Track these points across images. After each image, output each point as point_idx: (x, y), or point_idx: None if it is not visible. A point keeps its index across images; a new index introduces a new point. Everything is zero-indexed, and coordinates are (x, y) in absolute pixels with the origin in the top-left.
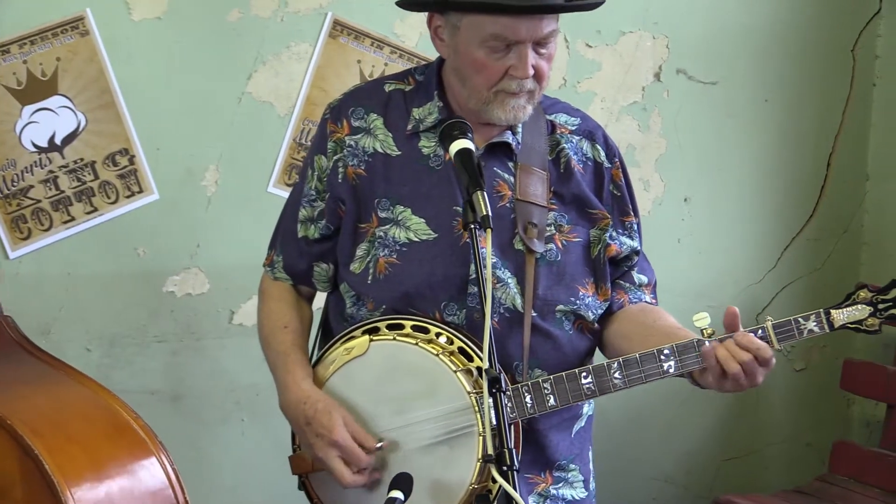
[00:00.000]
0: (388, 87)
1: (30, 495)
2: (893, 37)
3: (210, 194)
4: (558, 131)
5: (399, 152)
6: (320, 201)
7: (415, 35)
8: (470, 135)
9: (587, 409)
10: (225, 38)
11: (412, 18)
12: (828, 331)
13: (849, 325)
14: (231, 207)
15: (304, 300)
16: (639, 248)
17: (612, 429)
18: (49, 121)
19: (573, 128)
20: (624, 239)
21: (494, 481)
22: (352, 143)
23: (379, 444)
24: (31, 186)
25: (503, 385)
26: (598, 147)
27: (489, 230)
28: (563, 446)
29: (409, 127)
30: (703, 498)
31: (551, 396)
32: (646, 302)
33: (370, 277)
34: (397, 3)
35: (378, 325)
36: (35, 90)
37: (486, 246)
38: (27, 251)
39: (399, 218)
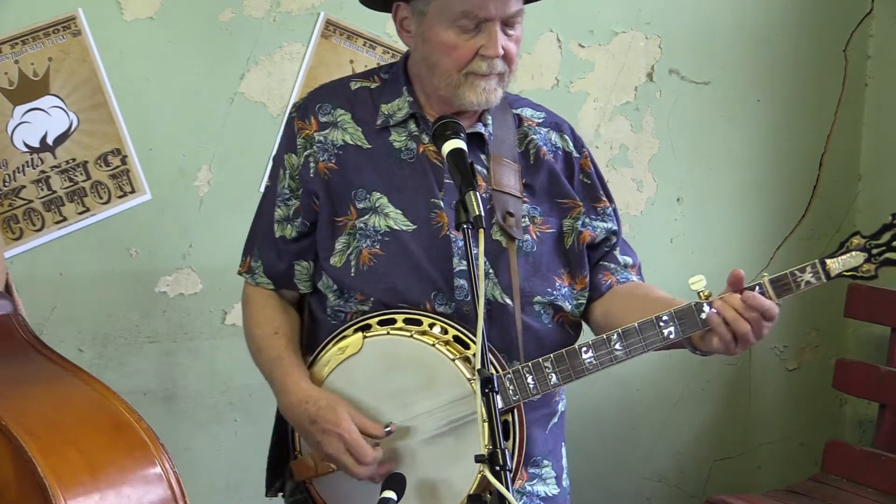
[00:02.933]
0: (353, 85)
1: (24, 496)
2: (885, 37)
3: (202, 194)
4: (525, 124)
5: (370, 146)
6: (295, 199)
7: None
8: (463, 135)
9: (561, 406)
10: (217, 38)
11: None
12: (825, 280)
13: (845, 273)
14: (223, 207)
15: (289, 305)
16: (616, 229)
17: (605, 429)
18: (41, 121)
19: (540, 120)
20: (598, 223)
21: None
22: (321, 138)
23: (387, 429)
24: (23, 187)
25: (496, 385)
26: (567, 138)
27: (482, 230)
28: (539, 442)
29: (379, 122)
30: (695, 498)
31: (553, 375)
32: (634, 280)
33: (353, 270)
34: (362, 2)
35: (369, 321)
36: (27, 90)
37: (479, 246)
38: (19, 251)
39: (377, 205)
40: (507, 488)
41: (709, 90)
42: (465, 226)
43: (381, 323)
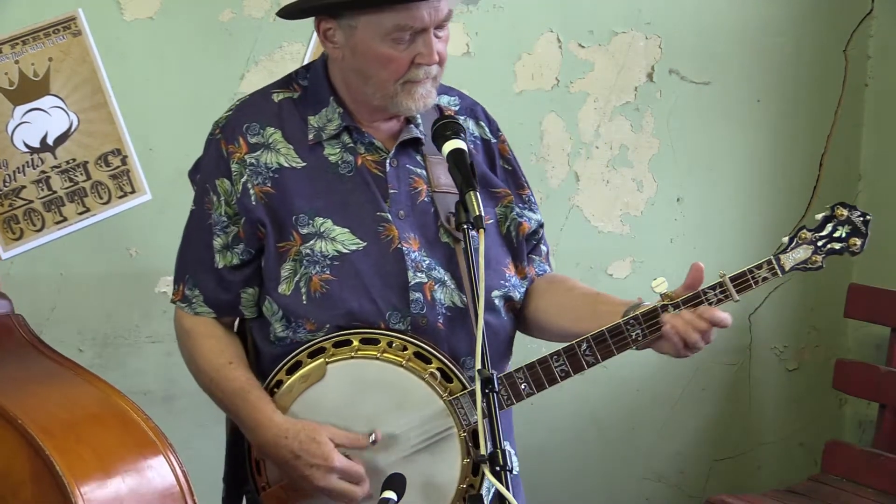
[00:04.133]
0: (276, 97)
1: (40, 495)
2: (885, 37)
3: None
4: (446, 114)
5: (304, 164)
6: (233, 226)
7: None
8: (463, 135)
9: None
10: (217, 38)
11: None
12: (780, 275)
13: (797, 267)
14: None
15: (231, 331)
16: (542, 220)
17: (605, 429)
18: (41, 121)
19: (456, 108)
20: (528, 213)
21: (477, 476)
22: (252, 161)
23: (372, 438)
24: (23, 187)
25: (496, 385)
26: (482, 124)
27: (482, 230)
28: (504, 427)
29: (311, 136)
30: (695, 498)
31: (524, 384)
32: (548, 272)
33: (304, 297)
34: (278, 14)
35: (323, 345)
36: (27, 90)
37: (480, 246)
38: (19, 252)
39: (322, 230)
40: (508, 488)
41: (709, 90)
42: (465, 226)
43: (336, 345)
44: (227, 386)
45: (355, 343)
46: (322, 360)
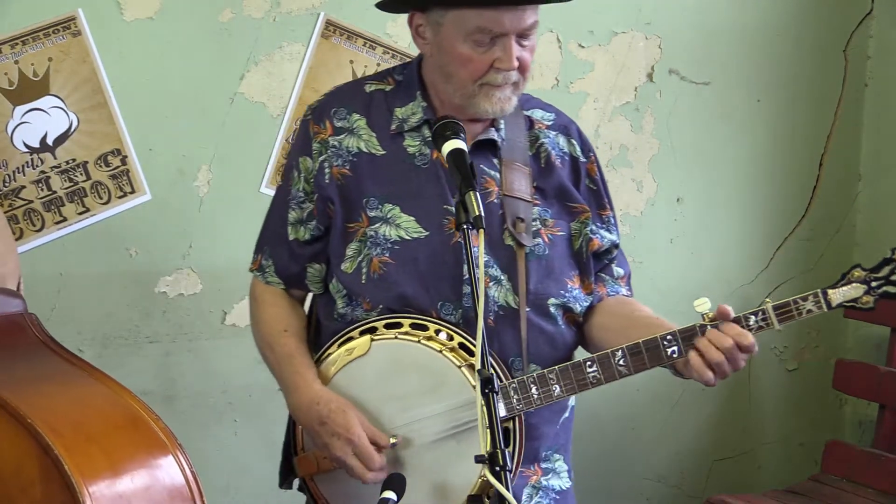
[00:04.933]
0: (368, 88)
1: (49, 494)
2: (885, 37)
3: (202, 195)
4: (536, 126)
5: (384, 152)
6: (309, 202)
7: (407, 35)
8: (462, 135)
9: (572, 400)
10: (217, 39)
11: (404, 19)
12: (825, 310)
13: (845, 304)
14: (223, 208)
15: (297, 304)
16: (617, 241)
17: (606, 429)
18: (41, 121)
19: (549, 123)
20: (603, 233)
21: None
22: (335, 143)
23: (392, 442)
24: (23, 187)
25: (495, 386)
26: (574, 142)
27: (482, 230)
28: (550, 437)
29: (393, 126)
30: (695, 498)
31: (557, 387)
32: (622, 294)
33: (364, 277)
34: (377, 6)
35: (376, 324)
36: (27, 90)
37: (479, 246)
38: (19, 251)
39: (389, 216)
40: (508, 489)
41: (709, 91)
42: (464, 226)
43: (387, 326)
44: (279, 350)
45: (406, 326)
46: (368, 336)
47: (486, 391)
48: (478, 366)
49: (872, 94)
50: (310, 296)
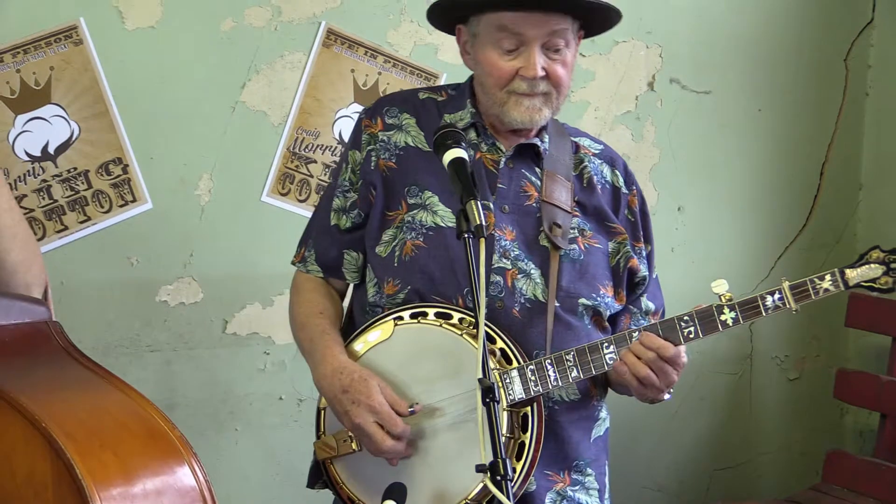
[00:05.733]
0: (422, 95)
1: (60, 497)
2: (886, 46)
3: (203, 203)
4: (582, 151)
5: (430, 149)
6: (353, 192)
7: (408, 44)
8: (463, 144)
9: (604, 414)
10: (219, 47)
11: (405, 28)
12: (843, 289)
13: (863, 284)
14: (225, 216)
15: (336, 293)
16: (647, 275)
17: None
18: (42, 130)
19: (596, 151)
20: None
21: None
22: (384, 138)
23: (411, 409)
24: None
25: (496, 395)
26: (618, 173)
27: (483, 239)
28: (582, 447)
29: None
30: None
31: (574, 368)
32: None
33: (396, 260)
34: (429, 20)
35: (402, 314)
36: (28, 99)
37: (480, 254)
38: None
39: (427, 203)
40: (509, 497)
41: (710, 99)
42: (465, 234)
43: (412, 316)
44: (312, 329)
45: (430, 315)
46: (392, 322)
47: (487, 400)
48: (478, 374)
49: (873, 104)
50: (348, 296)
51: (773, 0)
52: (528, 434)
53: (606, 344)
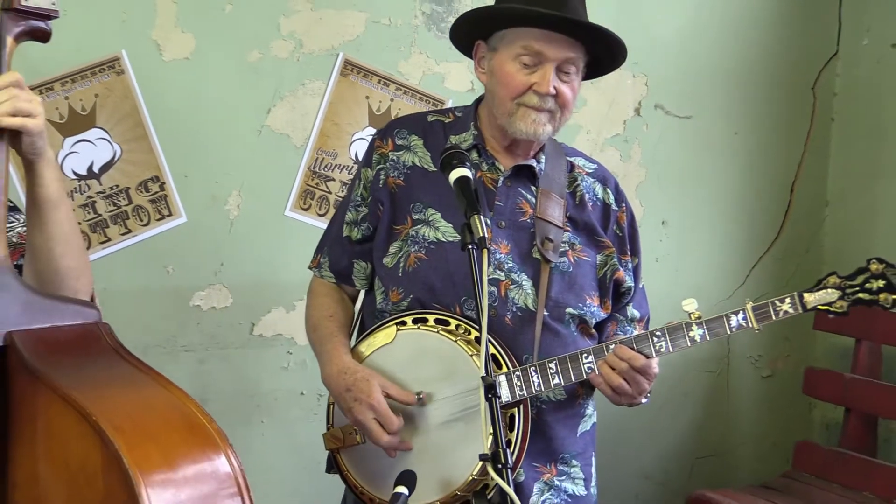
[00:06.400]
0: (430, 118)
1: (109, 485)
2: (849, 76)
3: (233, 217)
4: (576, 171)
5: (435, 169)
6: (364, 206)
7: (418, 74)
8: (468, 164)
9: (591, 411)
10: (246, 77)
11: (415, 59)
12: (801, 311)
13: (820, 307)
14: (252, 229)
15: (347, 298)
16: (633, 285)
17: (599, 432)
18: (88, 151)
19: (590, 171)
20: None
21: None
22: (394, 157)
23: (419, 396)
24: (72, 210)
25: (498, 391)
26: (609, 191)
27: (486, 250)
28: (567, 442)
29: None
30: (679, 493)
31: (556, 376)
32: (630, 332)
33: (400, 271)
34: (452, 39)
35: (405, 318)
36: (75, 123)
37: (483, 264)
38: None
39: (430, 219)
40: (508, 483)
41: (691, 124)
42: (469, 246)
43: (414, 321)
44: (322, 331)
45: (430, 321)
46: (395, 327)
47: (490, 395)
48: (482, 372)
49: (838, 128)
50: (359, 301)
51: (748, 34)
52: (514, 433)
53: (586, 355)
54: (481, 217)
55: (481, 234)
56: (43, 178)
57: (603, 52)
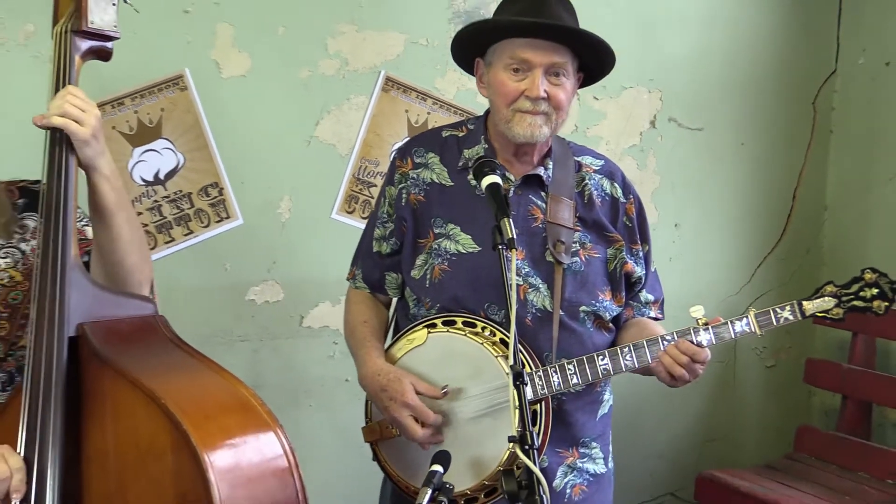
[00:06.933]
0: (444, 134)
1: (178, 461)
2: (846, 92)
3: (284, 220)
4: (584, 170)
5: (452, 183)
6: (390, 223)
7: (452, 89)
8: (498, 172)
9: (608, 396)
10: (297, 92)
11: (450, 75)
12: (800, 318)
13: (817, 314)
14: (301, 231)
15: (381, 305)
16: (643, 273)
17: (617, 416)
18: (155, 160)
19: (597, 168)
20: (634, 263)
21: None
22: (414, 175)
23: (444, 390)
24: (140, 213)
25: (525, 378)
26: (616, 185)
27: (514, 250)
28: (587, 427)
29: (460, 164)
30: (689, 472)
31: (574, 376)
32: (649, 317)
33: (427, 282)
34: (456, 60)
35: (435, 321)
36: (143, 135)
37: (512, 262)
38: None
39: (450, 233)
40: (535, 463)
41: (702, 135)
42: (500, 246)
43: (444, 323)
44: (357, 336)
45: (458, 324)
46: (426, 330)
47: (517, 383)
48: (511, 361)
49: (836, 140)
50: (394, 302)
51: (753, 54)
52: (537, 426)
53: (601, 356)
54: (510, 220)
55: (510, 236)
56: (99, 188)
57: (590, 56)
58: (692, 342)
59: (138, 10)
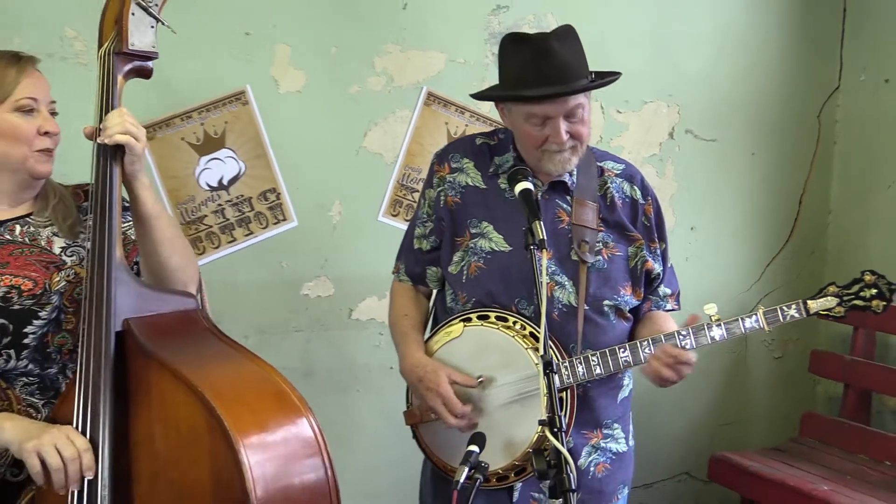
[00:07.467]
0: (478, 141)
1: (213, 444)
2: (849, 106)
3: (335, 222)
4: (606, 174)
5: (485, 187)
6: (430, 222)
7: (487, 104)
8: (531, 179)
9: (627, 381)
10: (347, 106)
11: None
12: (805, 316)
13: (821, 312)
14: (350, 232)
15: (422, 296)
16: (662, 269)
17: (636, 402)
18: (219, 167)
19: (618, 171)
20: (653, 260)
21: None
22: (451, 179)
23: (479, 379)
24: (205, 216)
25: (554, 367)
26: (636, 188)
27: (545, 251)
28: (609, 409)
29: (492, 170)
30: (703, 454)
31: (598, 367)
32: (666, 309)
33: (464, 277)
34: (472, 96)
35: (471, 315)
36: (209, 145)
37: (543, 262)
38: (201, 264)
39: (485, 232)
40: (563, 444)
41: (716, 146)
42: (532, 247)
43: (479, 317)
44: (399, 328)
45: (491, 318)
46: (462, 323)
47: (547, 371)
48: (541, 352)
49: (839, 150)
50: (433, 294)
51: (763, 70)
52: (564, 411)
53: (622, 349)
54: (541, 223)
55: (541, 237)
56: (140, 197)
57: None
58: (706, 336)
59: (175, 31)
